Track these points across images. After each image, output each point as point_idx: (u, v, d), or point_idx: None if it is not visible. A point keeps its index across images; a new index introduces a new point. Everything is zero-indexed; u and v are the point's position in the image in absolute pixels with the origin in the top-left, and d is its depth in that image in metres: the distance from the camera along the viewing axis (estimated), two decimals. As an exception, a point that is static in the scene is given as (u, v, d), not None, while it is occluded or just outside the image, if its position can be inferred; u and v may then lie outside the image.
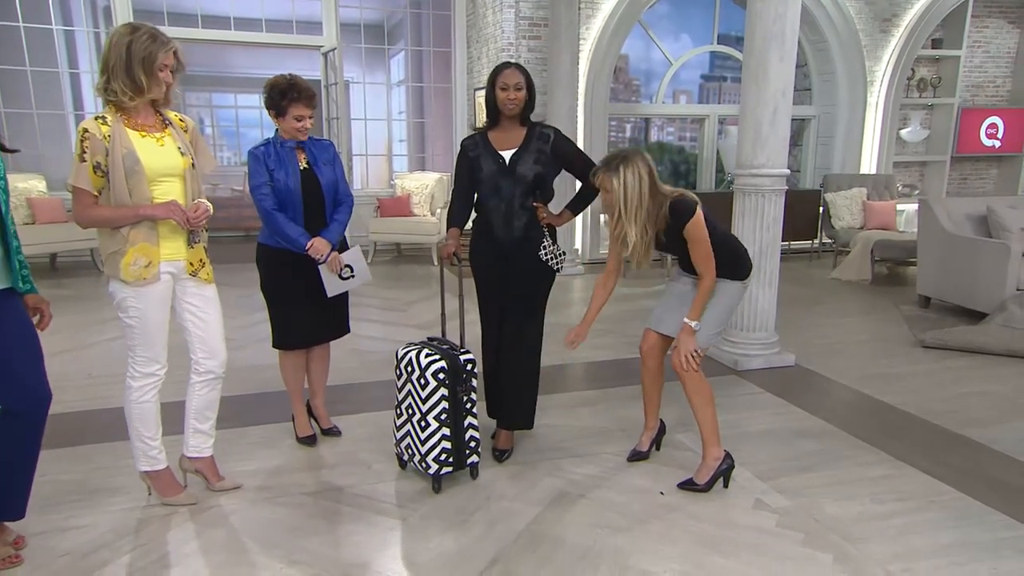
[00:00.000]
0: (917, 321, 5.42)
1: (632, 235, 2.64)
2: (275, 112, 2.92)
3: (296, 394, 3.24)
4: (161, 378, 2.55)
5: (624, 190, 2.60)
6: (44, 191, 6.96)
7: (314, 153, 3.02)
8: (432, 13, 8.63)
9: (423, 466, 2.77)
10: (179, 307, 2.58)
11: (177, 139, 2.49)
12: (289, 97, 2.87)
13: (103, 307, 5.77)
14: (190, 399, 2.69)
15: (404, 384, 2.83)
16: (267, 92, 2.92)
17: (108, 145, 2.32)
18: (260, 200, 2.92)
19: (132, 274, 2.39)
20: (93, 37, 8.54)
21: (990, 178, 9.49)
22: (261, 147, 2.97)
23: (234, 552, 2.39)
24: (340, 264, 3.00)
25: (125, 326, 2.48)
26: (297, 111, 2.89)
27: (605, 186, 2.66)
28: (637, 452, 3.09)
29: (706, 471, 2.82)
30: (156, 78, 2.35)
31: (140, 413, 2.54)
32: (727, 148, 8.71)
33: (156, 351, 2.50)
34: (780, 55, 4.04)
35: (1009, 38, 9.04)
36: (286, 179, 2.93)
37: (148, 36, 2.32)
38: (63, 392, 2.79)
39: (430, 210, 7.97)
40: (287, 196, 2.94)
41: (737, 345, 4.35)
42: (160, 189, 2.43)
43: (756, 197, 4.19)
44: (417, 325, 5.14)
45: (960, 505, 2.72)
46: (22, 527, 2.39)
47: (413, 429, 2.79)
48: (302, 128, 2.94)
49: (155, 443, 2.59)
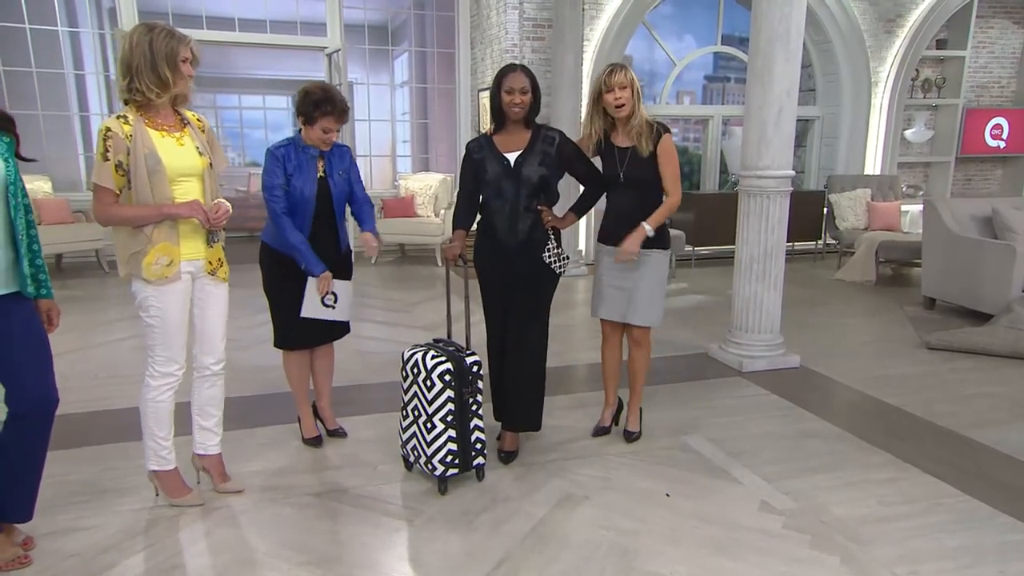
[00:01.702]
0: (922, 322, 5.41)
1: (638, 115, 2.96)
2: (304, 119, 2.90)
3: (301, 395, 3.24)
4: (178, 378, 2.56)
5: (635, 81, 2.96)
6: (50, 192, 7.01)
7: (332, 162, 3.01)
8: (436, 14, 8.63)
9: (429, 468, 2.77)
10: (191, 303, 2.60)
11: (196, 139, 2.51)
12: (322, 110, 2.86)
13: (108, 307, 5.79)
14: (193, 396, 2.71)
15: (410, 386, 2.84)
16: (300, 99, 2.89)
17: (130, 144, 2.34)
18: (272, 201, 2.91)
19: (154, 273, 2.41)
20: (98, 38, 8.57)
21: (995, 179, 9.47)
22: (282, 148, 2.94)
23: (242, 553, 2.39)
24: (328, 287, 2.95)
25: (146, 325, 2.50)
26: (326, 124, 2.88)
27: (623, 81, 2.92)
28: (601, 428, 3.32)
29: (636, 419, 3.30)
30: (180, 72, 2.38)
31: (155, 412, 2.56)
32: (731, 149, 8.70)
33: (175, 351, 2.51)
34: (785, 56, 4.03)
35: (1014, 38, 9.02)
36: (303, 187, 2.92)
37: (166, 33, 2.36)
38: (69, 392, 2.80)
39: (434, 211, 7.97)
40: (300, 203, 2.93)
41: (742, 347, 4.35)
42: (181, 188, 2.45)
43: (761, 199, 4.18)
44: (422, 326, 5.15)
45: (966, 508, 2.71)
46: (30, 528, 2.40)
47: (419, 431, 2.79)
48: (328, 140, 2.93)
49: (166, 443, 2.61)
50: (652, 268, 3.08)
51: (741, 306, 4.35)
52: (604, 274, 3.16)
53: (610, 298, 3.15)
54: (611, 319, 3.20)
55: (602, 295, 3.18)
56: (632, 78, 2.94)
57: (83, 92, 8.55)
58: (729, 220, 4.82)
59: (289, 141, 2.98)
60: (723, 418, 3.57)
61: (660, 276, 3.12)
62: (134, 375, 4.12)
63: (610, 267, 3.12)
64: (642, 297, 3.08)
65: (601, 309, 3.20)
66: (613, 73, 2.93)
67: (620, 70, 2.94)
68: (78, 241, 6.81)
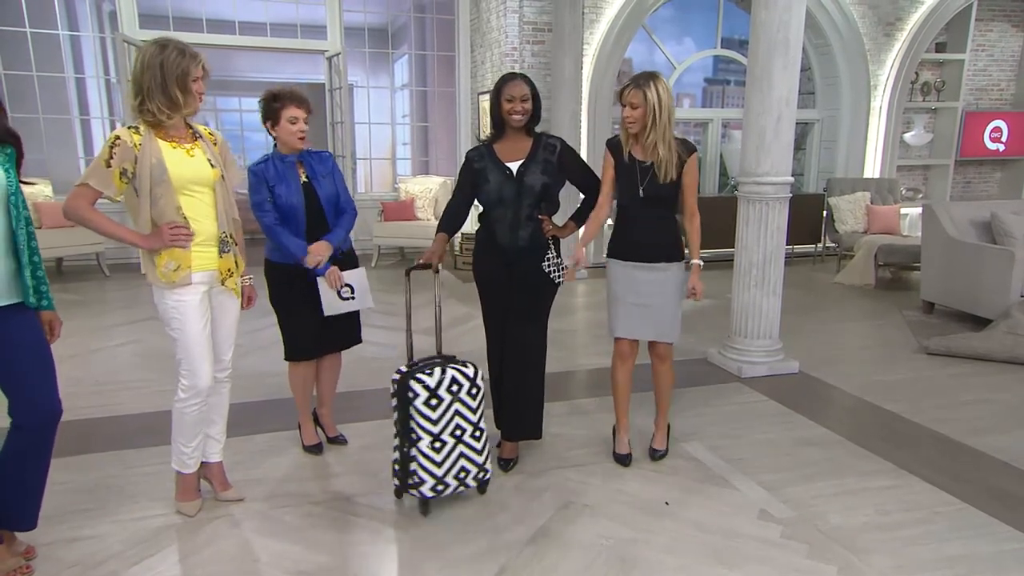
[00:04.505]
0: (921, 327, 5.42)
1: (663, 148, 2.84)
2: (271, 121, 2.92)
3: (304, 403, 3.25)
4: (202, 391, 2.56)
5: (658, 99, 2.79)
6: (50, 195, 7.01)
7: (313, 167, 3.03)
8: (436, 17, 8.64)
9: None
10: None
11: (207, 151, 2.52)
12: (280, 100, 2.89)
13: (109, 312, 5.80)
14: None
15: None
16: (261, 104, 2.95)
17: (138, 153, 2.36)
18: (261, 216, 2.94)
19: (164, 276, 2.44)
20: (99, 42, 8.57)
21: (994, 181, 9.48)
22: (260, 164, 2.97)
23: (243, 562, 2.40)
24: (340, 281, 2.98)
25: (171, 340, 2.53)
26: (290, 112, 2.89)
27: (634, 101, 2.81)
28: (624, 455, 3.15)
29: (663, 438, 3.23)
30: (191, 93, 2.39)
31: (179, 420, 2.60)
32: (731, 152, 8.71)
33: (195, 364, 2.52)
34: (784, 63, 4.05)
35: (1013, 42, 9.04)
36: (288, 195, 2.94)
37: (177, 52, 2.35)
38: (71, 399, 2.81)
39: (434, 214, 7.98)
40: (290, 212, 2.95)
41: (741, 352, 4.36)
42: (191, 199, 2.47)
43: (760, 205, 4.19)
44: (421, 331, 5.15)
45: (964, 516, 2.72)
46: (31, 537, 2.41)
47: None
48: (298, 131, 2.93)
49: (187, 449, 2.64)
50: (674, 283, 3.00)
51: (740, 312, 4.36)
52: (622, 292, 3.02)
53: (631, 316, 3.02)
54: (635, 337, 3.06)
55: (621, 313, 3.04)
56: (650, 97, 2.78)
57: (83, 96, 8.55)
58: (729, 223, 4.83)
59: (266, 157, 3.00)
60: (722, 425, 3.58)
61: (681, 289, 3.03)
62: (135, 381, 4.15)
63: (628, 284, 3.01)
64: (667, 314, 3.00)
65: (622, 328, 3.05)
66: (628, 88, 2.83)
67: (635, 88, 2.80)
68: (79, 245, 6.82)
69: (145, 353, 4.63)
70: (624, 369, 3.13)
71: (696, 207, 3.00)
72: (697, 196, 2.99)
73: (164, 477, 2.82)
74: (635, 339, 3.08)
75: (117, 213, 5.77)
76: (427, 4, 8.77)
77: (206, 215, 2.50)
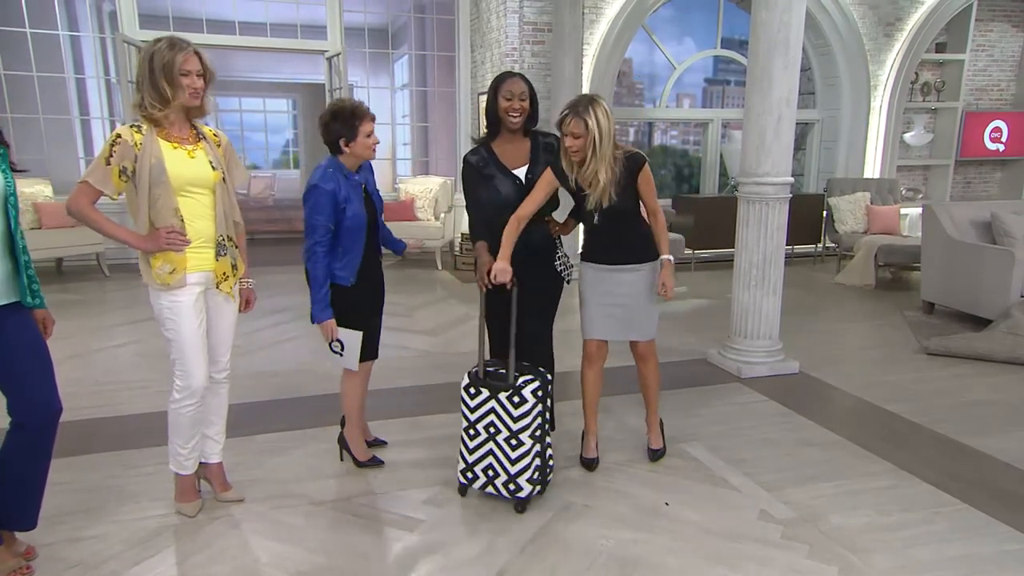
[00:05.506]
0: (921, 327, 5.42)
1: (603, 175, 2.74)
2: (345, 139, 2.76)
3: (361, 414, 3.15)
4: (196, 392, 2.56)
5: (598, 128, 2.68)
6: (50, 196, 7.01)
7: (368, 179, 2.94)
8: (436, 17, 8.64)
9: (511, 488, 2.72)
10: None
11: (209, 153, 2.52)
12: (359, 115, 2.76)
13: (110, 312, 5.80)
14: None
15: (485, 401, 2.73)
16: (332, 123, 2.75)
17: (138, 152, 2.36)
18: (319, 245, 2.74)
19: (159, 278, 2.44)
20: (99, 42, 8.57)
21: (994, 182, 9.48)
22: (330, 181, 2.73)
23: (243, 563, 2.40)
24: (333, 335, 2.86)
25: (166, 340, 2.53)
26: (367, 127, 2.78)
27: (575, 130, 2.69)
28: (590, 459, 3.12)
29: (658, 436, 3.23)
30: (179, 85, 2.37)
31: (175, 421, 2.60)
32: (731, 152, 8.71)
33: (190, 366, 2.52)
34: (784, 63, 4.04)
35: (1013, 42, 9.04)
36: (358, 213, 2.80)
37: (167, 44, 2.36)
38: (71, 399, 2.81)
39: (434, 214, 7.98)
40: (357, 231, 2.81)
41: (741, 353, 4.36)
42: (190, 201, 2.46)
43: (760, 205, 4.20)
44: (423, 331, 5.16)
45: (965, 517, 2.72)
46: (32, 537, 2.41)
47: (499, 448, 2.72)
48: (374, 143, 2.82)
49: (184, 451, 2.64)
50: (646, 282, 2.99)
51: (740, 312, 4.36)
52: (592, 294, 3.01)
53: (603, 317, 3.01)
54: (606, 338, 3.05)
55: (592, 315, 3.03)
56: (591, 126, 2.66)
57: (84, 96, 8.54)
58: (728, 223, 4.84)
59: (330, 172, 2.76)
60: (722, 425, 3.58)
61: (652, 287, 3.01)
62: (135, 381, 4.14)
63: (598, 286, 2.99)
64: (640, 312, 3.00)
65: (595, 329, 3.03)
66: (568, 117, 2.70)
67: (575, 117, 2.68)
68: (79, 245, 6.82)
69: (146, 353, 4.63)
70: (593, 371, 3.11)
71: (657, 206, 2.94)
72: (656, 195, 2.93)
73: (165, 477, 2.82)
74: (604, 340, 3.06)
75: (118, 213, 5.77)
76: (427, 4, 8.77)
77: (205, 217, 2.50)
